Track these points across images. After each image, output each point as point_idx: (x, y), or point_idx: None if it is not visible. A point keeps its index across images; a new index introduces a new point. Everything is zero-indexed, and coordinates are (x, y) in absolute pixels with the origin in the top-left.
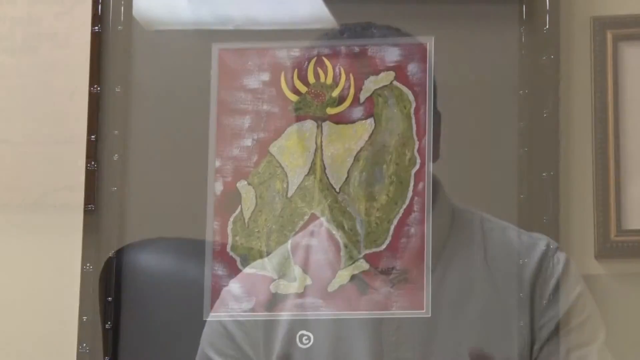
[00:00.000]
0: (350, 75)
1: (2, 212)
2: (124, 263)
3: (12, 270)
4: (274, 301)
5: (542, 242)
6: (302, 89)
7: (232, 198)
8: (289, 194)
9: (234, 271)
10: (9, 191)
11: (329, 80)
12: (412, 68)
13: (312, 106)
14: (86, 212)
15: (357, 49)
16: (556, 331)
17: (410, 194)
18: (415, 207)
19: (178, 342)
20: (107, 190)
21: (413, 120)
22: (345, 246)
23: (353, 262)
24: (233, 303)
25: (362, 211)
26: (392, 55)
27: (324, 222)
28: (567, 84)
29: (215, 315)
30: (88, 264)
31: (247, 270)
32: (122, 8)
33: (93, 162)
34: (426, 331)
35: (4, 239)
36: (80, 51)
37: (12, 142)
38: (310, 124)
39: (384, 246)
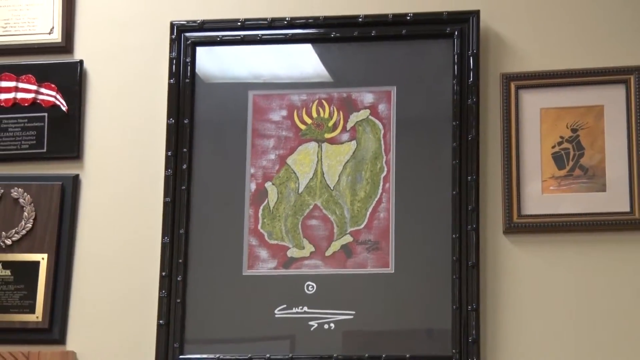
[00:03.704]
0: (340, 112)
1: (107, 204)
2: (190, 236)
3: (118, 245)
4: (289, 262)
5: None
6: (308, 121)
7: (261, 194)
8: (300, 191)
9: (262, 242)
10: (113, 187)
11: (326, 115)
12: (381, 107)
13: (315, 132)
14: (165, 202)
15: (345, 95)
16: None
17: (380, 190)
18: (384, 200)
19: (225, 289)
20: (178, 188)
21: (382, 142)
22: (337, 225)
23: (342, 236)
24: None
25: (348, 202)
26: (368, 98)
27: (323, 210)
28: (485, 118)
29: (250, 272)
30: (166, 237)
31: (272, 241)
32: (189, 67)
33: (169, 169)
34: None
35: (119, 229)
36: (160, 96)
37: (113, 160)
38: (313, 144)
39: (362, 225)
